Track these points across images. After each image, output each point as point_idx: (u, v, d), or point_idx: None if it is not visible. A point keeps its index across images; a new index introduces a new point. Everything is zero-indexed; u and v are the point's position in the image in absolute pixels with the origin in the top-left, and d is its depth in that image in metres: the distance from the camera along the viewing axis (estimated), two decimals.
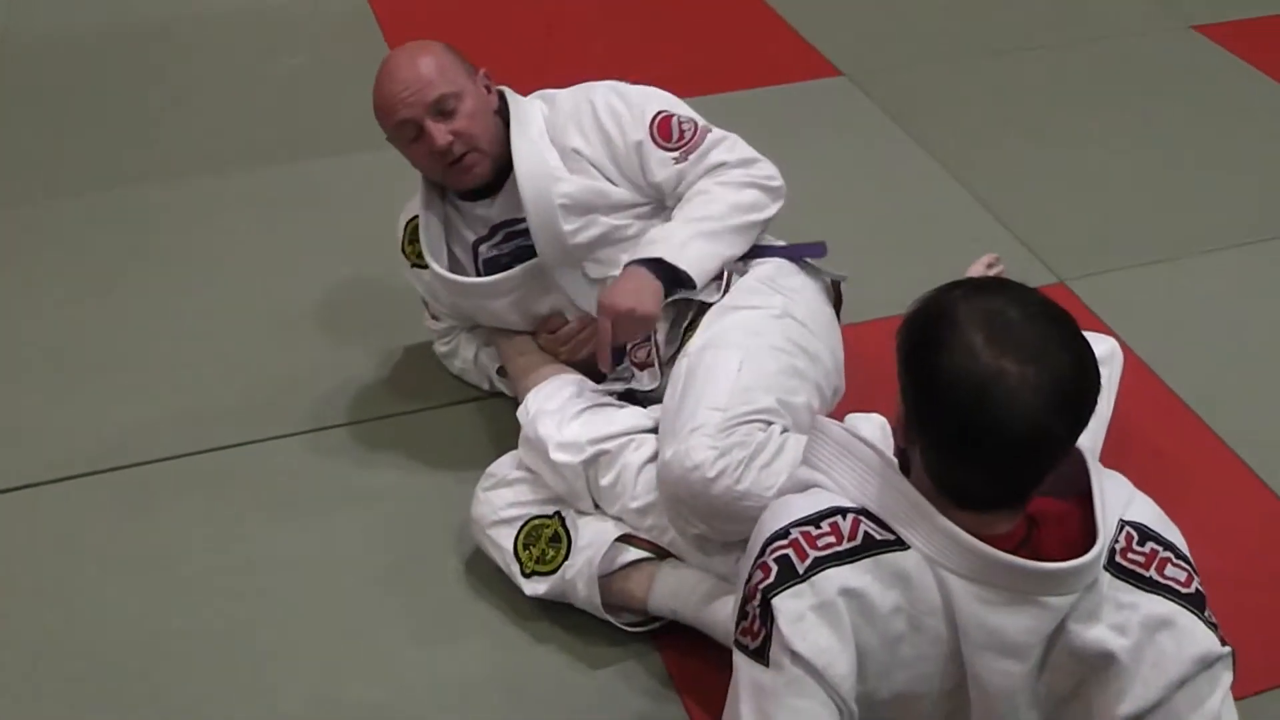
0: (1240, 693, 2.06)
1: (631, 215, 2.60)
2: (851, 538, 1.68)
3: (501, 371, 2.82)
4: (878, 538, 1.68)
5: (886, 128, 3.99)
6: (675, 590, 2.31)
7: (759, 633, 1.68)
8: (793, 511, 1.72)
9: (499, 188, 2.63)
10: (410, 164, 2.65)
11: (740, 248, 2.54)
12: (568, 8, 4.76)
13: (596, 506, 2.38)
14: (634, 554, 2.33)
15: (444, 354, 2.94)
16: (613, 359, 2.52)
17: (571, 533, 2.36)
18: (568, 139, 2.59)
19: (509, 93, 2.65)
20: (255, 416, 2.88)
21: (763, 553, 1.69)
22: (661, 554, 2.34)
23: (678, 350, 2.49)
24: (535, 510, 2.41)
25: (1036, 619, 1.66)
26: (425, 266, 2.68)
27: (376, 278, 3.25)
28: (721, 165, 2.57)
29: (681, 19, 4.69)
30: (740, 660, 1.71)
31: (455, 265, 2.70)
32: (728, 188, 2.54)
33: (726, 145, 2.59)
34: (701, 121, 2.62)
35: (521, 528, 2.40)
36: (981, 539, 1.65)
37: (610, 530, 2.34)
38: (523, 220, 2.59)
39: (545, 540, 2.38)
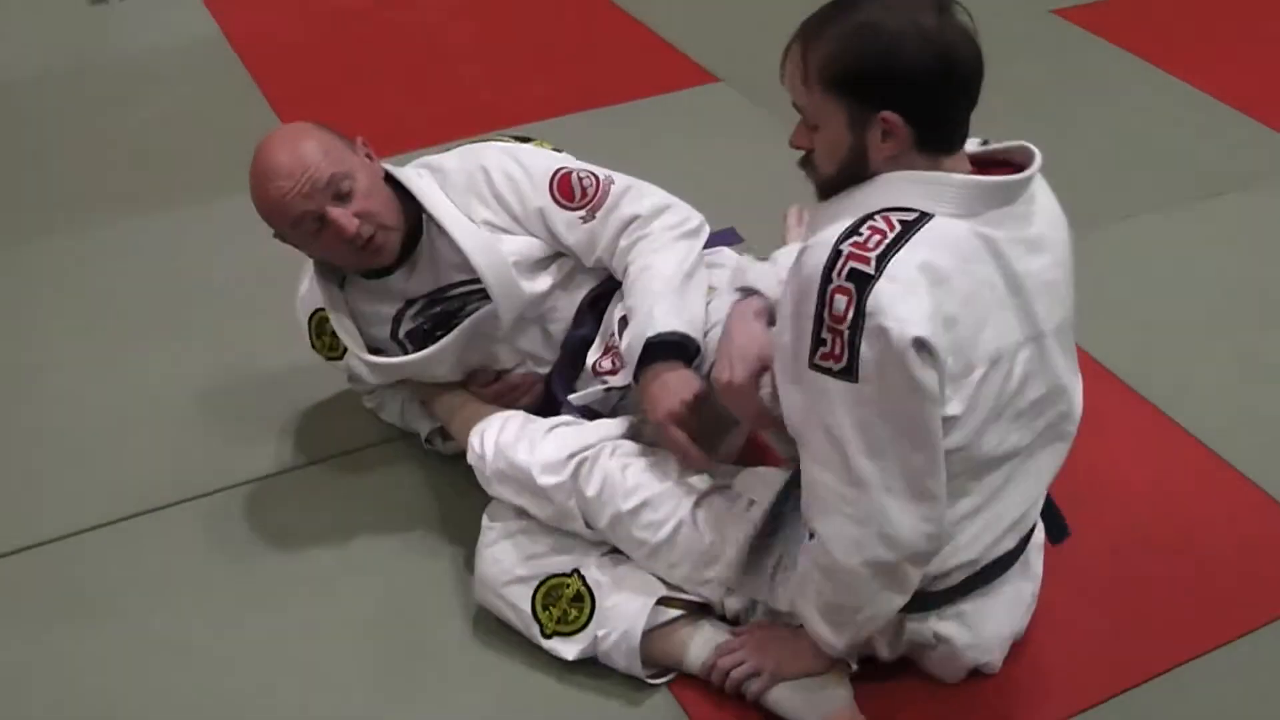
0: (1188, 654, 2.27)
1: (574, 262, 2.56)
2: (892, 228, 1.84)
3: (435, 434, 2.74)
4: (910, 219, 1.85)
5: (769, 125, 3.98)
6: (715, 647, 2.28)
7: (842, 353, 1.82)
8: (826, 239, 1.85)
9: (404, 260, 2.52)
10: (307, 256, 2.54)
11: (701, 291, 2.46)
12: (438, 31, 4.70)
13: (589, 526, 2.32)
14: (669, 613, 2.28)
15: (373, 408, 2.85)
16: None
17: (595, 591, 2.29)
18: (472, 212, 2.49)
19: (390, 166, 2.52)
20: (173, 478, 2.77)
21: (826, 281, 1.82)
22: (694, 610, 2.30)
23: None
24: (552, 568, 2.33)
25: (1033, 219, 1.96)
26: (340, 358, 2.61)
27: (276, 321, 3.13)
28: (636, 219, 2.48)
29: (554, 38, 4.67)
30: (828, 384, 1.85)
31: (371, 345, 2.59)
32: (659, 254, 2.45)
33: (633, 195, 2.51)
34: (602, 173, 2.53)
35: (538, 587, 2.32)
36: None
37: (642, 596, 2.27)
38: (449, 289, 2.53)
39: (567, 600, 2.31)
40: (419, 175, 2.52)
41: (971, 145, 1.99)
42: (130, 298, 3.33)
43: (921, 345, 1.80)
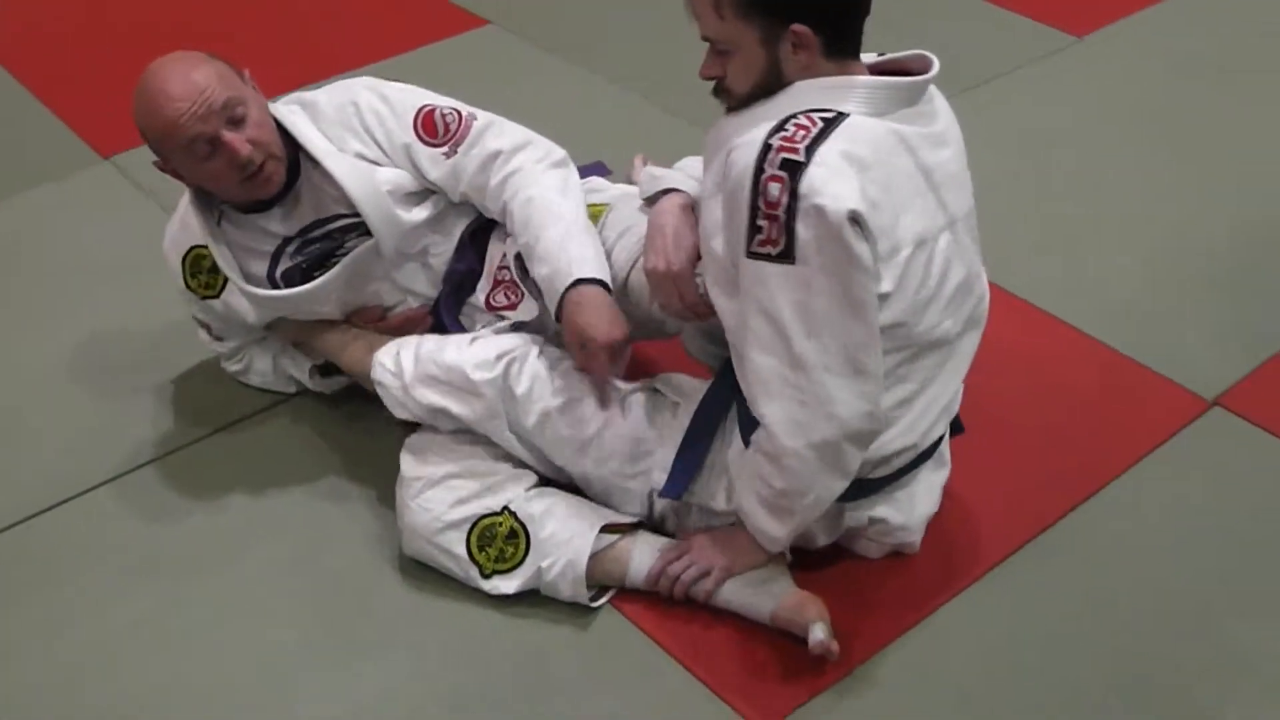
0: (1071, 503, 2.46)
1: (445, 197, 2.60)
2: (814, 124, 1.99)
3: (322, 371, 2.75)
4: (829, 117, 2.00)
5: (551, 63, 4.06)
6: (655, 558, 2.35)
7: (779, 237, 1.96)
8: (754, 139, 1.99)
9: (283, 196, 2.53)
10: (188, 186, 2.53)
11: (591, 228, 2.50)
12: (191, 6, 4.56)
13: (512, 430, 2.38)
14: (607, 539, 2.34)
15: (237, 371, 2.83)
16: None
17: (528, 525, 2.34)
18: (345, 145, 2.52)
19: (271, 104, 2.54)
20: (58, 474, 2.69)
21: (759, 172, 1.96)
22: (631, 530, 2.37)
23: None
24: (482, 509, 2.36)
25: (936, 118, 2.13)
26: (217, 296, 2.59)
27: (113, 308, 3.12)
28: (498, 154, 2.52)
29: (310, 6, 4.57)
30: (765, 270, 1.99)
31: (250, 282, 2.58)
32: (539, 187, 2.49)
33: (494, 131, 2.55)
34: (465, 110, 2.58)
35: (471, 529, 2.36)
36: None
37: (582, 524, 2.33)
38: (322, 224, 2.54)
39: (501, 538, 2.35)
40: (292, 111, 2.54)
41: (870, 58, 2.15)
42: None
43: (855, 219, 1.94)
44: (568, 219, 2.44)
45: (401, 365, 2.45)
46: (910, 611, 2.34)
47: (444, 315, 2.64)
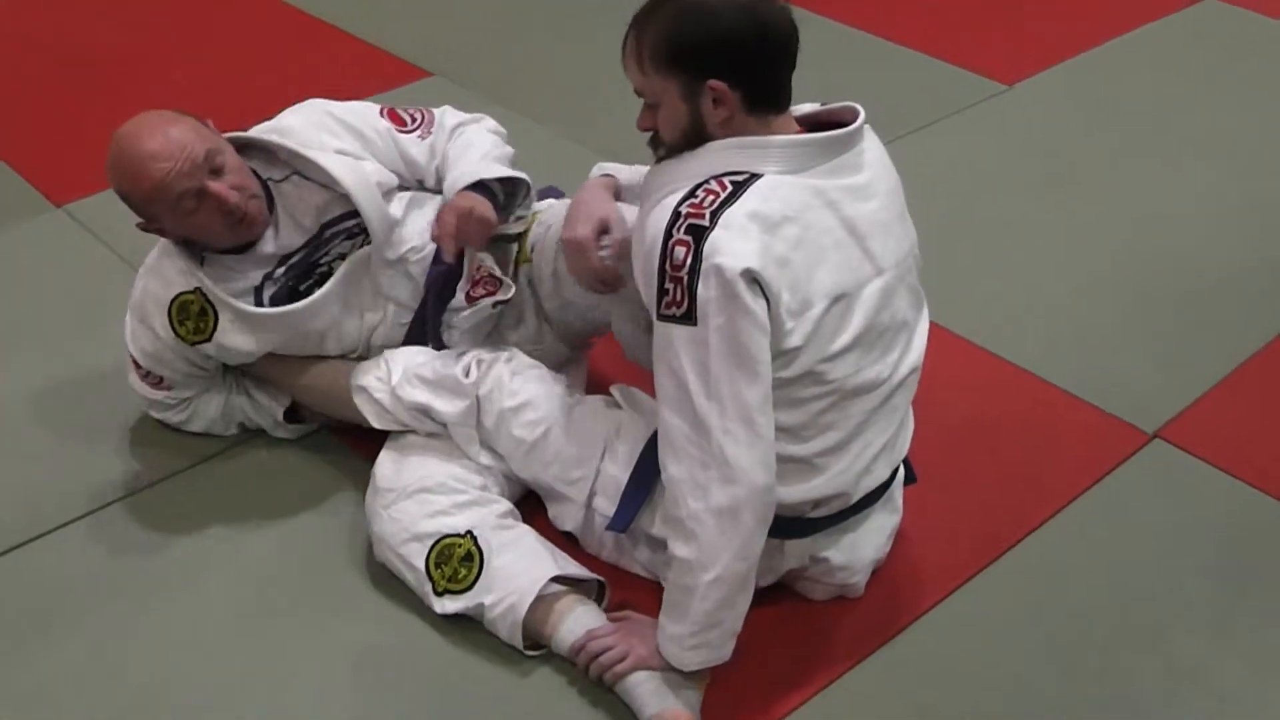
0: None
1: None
2: (724, 189, 2.06)
3: (288, 416, 2.80)
4: (740, 179, 2.07)
5: (493, 111, 4.10)
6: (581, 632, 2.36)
7: (682, 299, 2.03)
8: (667, 205, 2.07)
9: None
10: (173, 239, 2.60)
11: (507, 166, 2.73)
12: (125, 48, 4.58)
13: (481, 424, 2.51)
14: (555, 589, 2.37)
15: (180, 422, 2.84)
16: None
17: (485, 552, 2.39)
18: (325, 146, 2.65)
19: (237, 134, 2.65)
20: (25, 514, 2.69)
21: (668, 238, 2.03)
22: (579, 590, 2.40)
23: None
24: (446, 528, 2.42)
25: (862, 169, 2.17)
26: (208, 339, 2.61)
27: (65, 350, 3.13)
28: (459, 125, 2.77)
29: (252, 49, 4.62)
30: (672, 331, 2.06)
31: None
32: (480, 134, 2.76)
33: (452, 112, 2.82)
34: (420, 107, 2.83)
35: (433, 546, 2.41)
36: None
37: (534, 571, 2.37)
38: (299, 249, 2.64)
39: (457, 559, 2.39)
40: (267, 134, 2.67)
41: (809, 107, 2.23)
42: None
43: (751, 277, 2.00)
44: (474, 148, 2.70)
45: (389, 370, 2.58)
46: (854, 649, 2.38)
47: (429, 319, 2.68)
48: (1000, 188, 3.73)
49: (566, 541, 2.52)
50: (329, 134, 2.67)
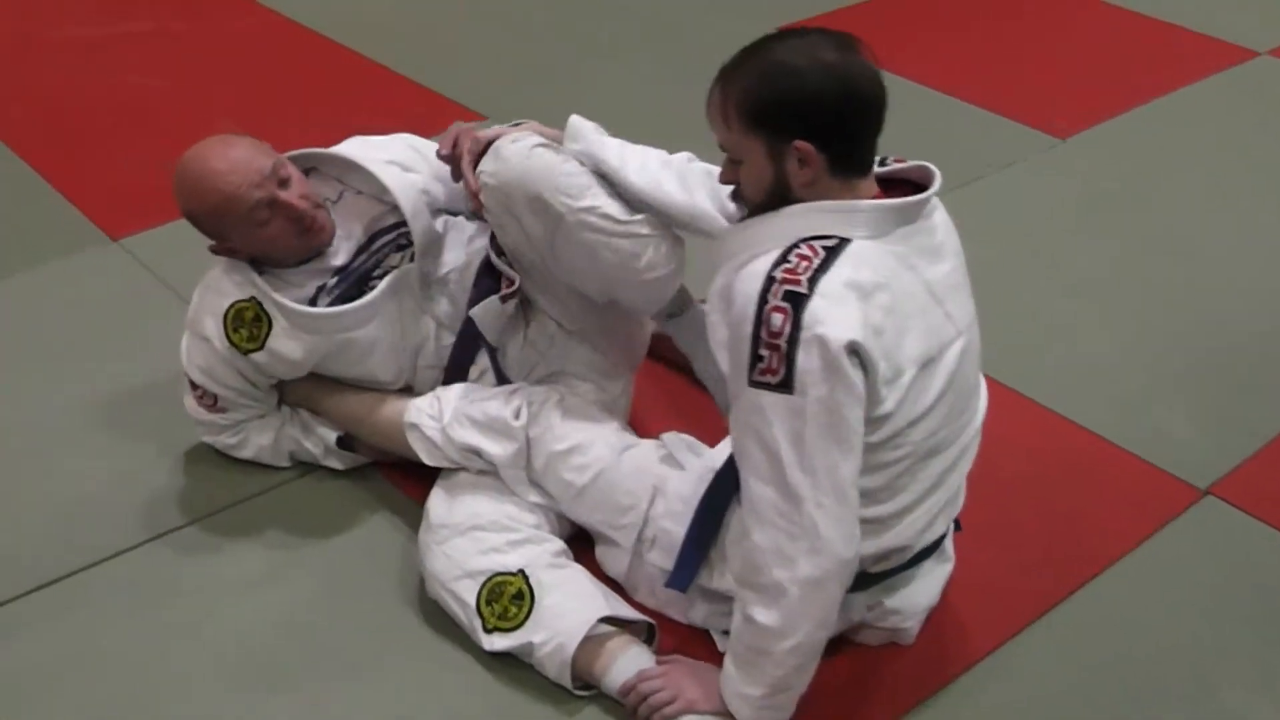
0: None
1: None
2: (816, 254, 2.02)
3: (341, 444, 2.80)
4: (831, 245, 2.04)
5: None
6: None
7: (779, 366, 1.99)
8: (757, 270, 2.03)
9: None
10: (241, 252, 2.64)
11: None
12: (178, 90, 4.64)
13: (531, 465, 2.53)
14: (605, 630, 2.37)
15: (230, 445, 2.86)
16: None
17: (536, 590, 2.39)
18: (376, 158, 2.74)
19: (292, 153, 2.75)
20: (75, 540, 2.71)
21: (763, 303, 2.00)
22: (629, 631, 2.40)
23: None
24: (498, 566, 2.42)
25: (935, 231, 2.17)
26: (260, 348, 2.63)
27: (117, 381, 3.14)
28: None
29: (308, 92, 4.66)
30: (764, 399, 2.01)
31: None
32: None
33: None
34: None
35: (484, 583, 2.41)
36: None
37: (584, 611, 2.37)
38: (351, 259, 2.70)
39: (508, 598, 2.39)
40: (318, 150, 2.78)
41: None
42: None
43: (854, 349, 1.98)
44: None
45: (441, 409, 2.59)
46: (904, 697, 2.37)
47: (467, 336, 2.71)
48: (1051, 240, 3.72)
49: (618, 581, 2.52)
50: (377, 148, 2.76)
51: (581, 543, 2.56)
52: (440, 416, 2.58)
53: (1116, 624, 2.52)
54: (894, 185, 2.17)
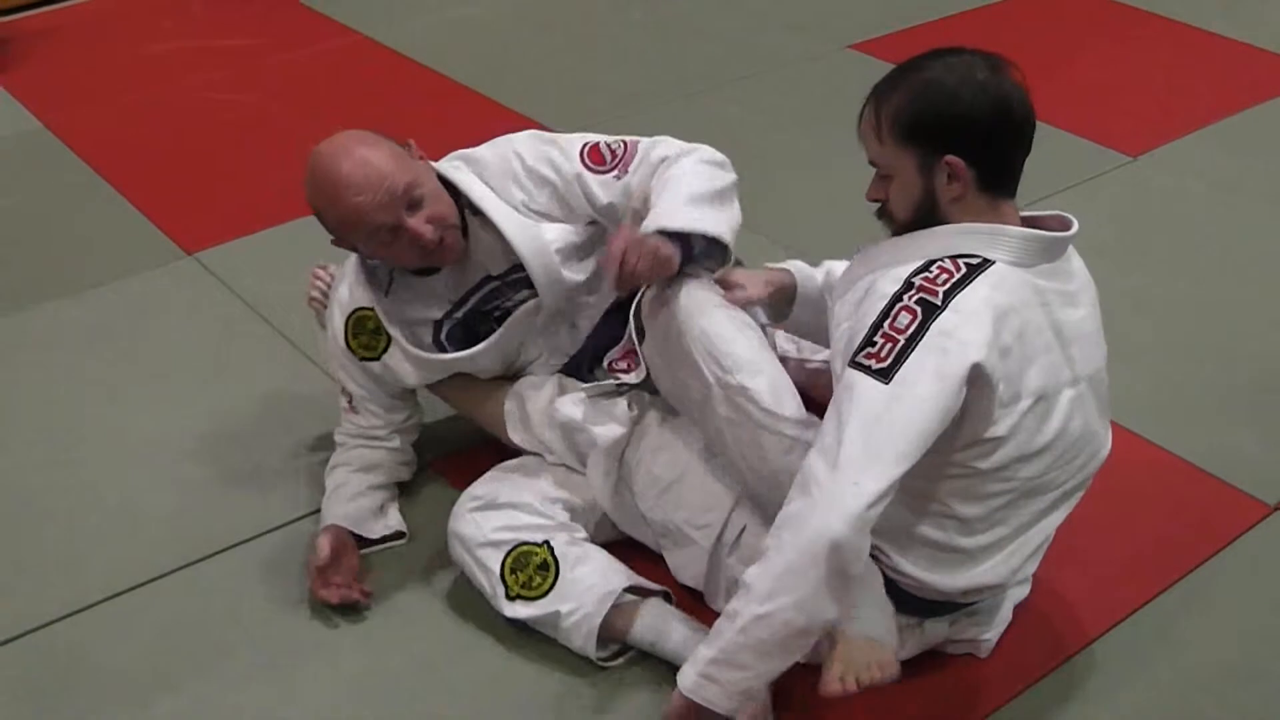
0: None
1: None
2: (958, 269, 2.06)
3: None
4: (974, 263, 2.07)
5: None
6: (657, 628, 2.41)
7: (888, 357, 2.01)
8: (898, 274, 2.07)
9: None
10: (365, 259, 2.62)
11: (726, 213, 2.46)
12: (258, 112, 4.71)
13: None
14: (629, 599, 2.42)
15: (341, 444, 2.79)
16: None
17: (560, 563, 2.43)
18: (510, 196, 2.58)
19: (436, 164, 2.59)
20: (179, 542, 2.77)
21: (896, 300, 2.04)
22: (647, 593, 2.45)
23: None
24: (524, 537, 2.46)
25: (1072, 276, 2.20)
26: (376, 359, 2.64)
27: (215, 392, 3.20)
28: (664, 160, 2.53)
29: (388, 110, 4.68)
30: (858, 380, 2.02)
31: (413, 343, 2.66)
32: (690, 167, 2.48)
33: (663, 144, 2.58)
34: (630, 137, 2.62)
35: (509, 552, 2.45)
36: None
37: (608, 581, 2.41)
38: (490, 280, 2.62)
39: (533, 567, 2.43)
40: (456, 169, 2.59)
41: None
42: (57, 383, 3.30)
43: (977, 370, 2.00)
44: (681, 183, 2.42)
45: (552, 388, 2.67)
46: (977, 707, 2.38)
47: (576, 371, 2.73)
48: (1123, 259, 3.70)
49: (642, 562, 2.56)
50: (514, 184, 2.57)
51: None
52: (548, 394, 2.65)
53: (1186, 638, 2.51)
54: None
